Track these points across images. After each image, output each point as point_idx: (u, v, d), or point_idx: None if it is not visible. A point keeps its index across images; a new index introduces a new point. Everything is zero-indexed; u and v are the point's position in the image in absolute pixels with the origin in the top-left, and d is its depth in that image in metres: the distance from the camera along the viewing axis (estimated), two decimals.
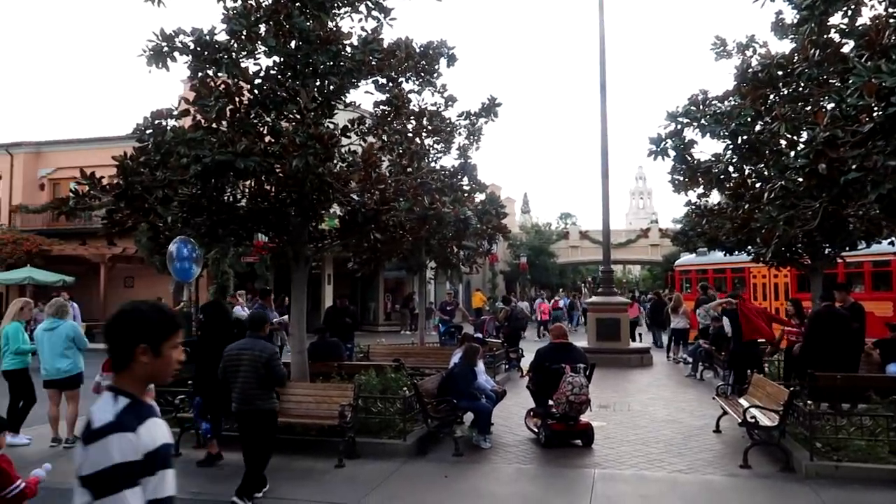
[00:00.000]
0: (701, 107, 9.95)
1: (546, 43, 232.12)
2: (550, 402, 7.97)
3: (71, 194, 7.80)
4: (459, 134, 13.23)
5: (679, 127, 10.10)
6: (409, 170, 11.06)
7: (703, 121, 9.73)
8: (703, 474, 6.72)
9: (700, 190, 11.30)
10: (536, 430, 8.14)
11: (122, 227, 8.25)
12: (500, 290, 39.51)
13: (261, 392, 5.82)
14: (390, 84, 9.68)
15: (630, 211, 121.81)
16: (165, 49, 7.83)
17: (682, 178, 10.84)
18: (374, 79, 9.16)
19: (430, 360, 12.80)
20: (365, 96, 21.77)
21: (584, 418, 7.96)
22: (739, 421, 7.30)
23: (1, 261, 25.92)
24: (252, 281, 26.57)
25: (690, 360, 14.26)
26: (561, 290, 42.49)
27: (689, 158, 10.36)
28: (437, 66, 10.53)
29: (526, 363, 14.24)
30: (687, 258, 23.37)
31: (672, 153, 10.19)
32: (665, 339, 19.03)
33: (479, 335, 14.07)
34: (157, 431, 2.07)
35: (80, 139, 30.58)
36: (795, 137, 8.38)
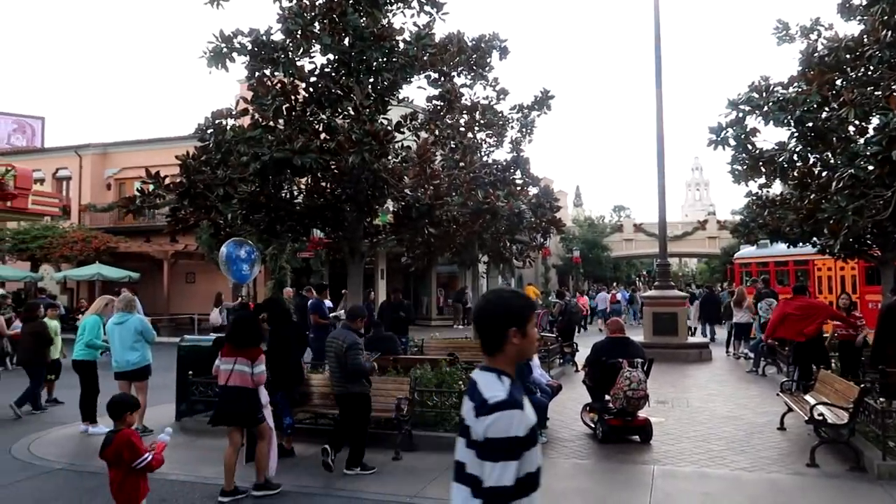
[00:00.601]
0: (763, 94, 9.62)
1: (598, 31, 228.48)
2: (607, 398, 7.87)
3: (137, 193, 8.09)
4: (512, 127, 13.18)
5: (740, 115, 9.80)
6: (462, 164, 11.09)
7: (765, 108, 9.41)
8: (768, 473, 6.53)
9: (762, 180, 10.96)
10: (593, 425, 8.05)
11: (186, 224, 8.53)
12: (553, 284, 39.20)
13: (344, 377, 6.46)
14: (442, 79, 9.71)
15: (686, 203, 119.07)
16: (224, 50, 8.05)
17: (742, 168, 10.53)
18: (427, 74, 9.21)
19: None
20: (416, 92, 21.86)
21: (641, 414, 7.83)
22: (806, 418, 7.06)
23: (72, 258, 27.09)
24: (307, 276, 27.09)
25: (752, 355, 13.87)
26: (615, 283, 41.89)
27: (751, 147, 10.04)
28: (489, 60, 10.51)
29: (580, 358, 14.13)
30: (747, 250, 22.70)
31: (733, 142, 9.90)
32: (712, 332, 18.71)
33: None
34: (531, 409, 2.25)
35: (143, 140, 31.67)
36: (865, 124, 8.04)
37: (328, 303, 12.61)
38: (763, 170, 10.30)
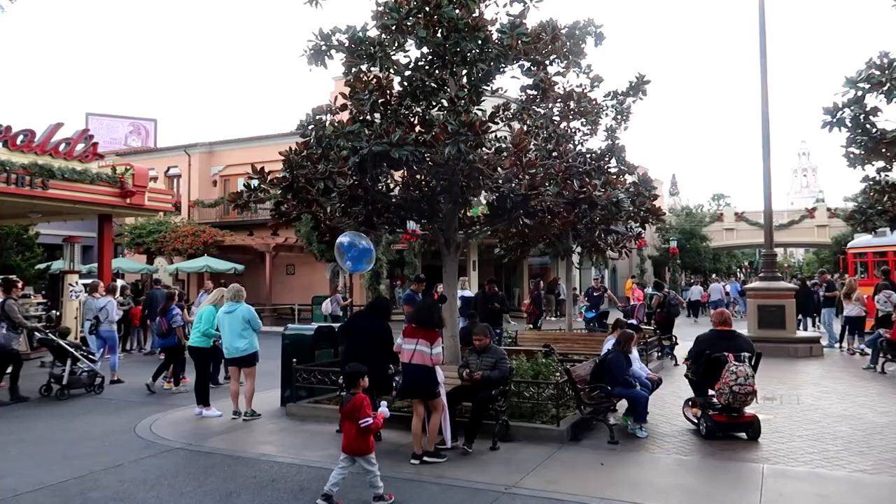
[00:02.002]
0: (886, 70, 8.92)
1: (696, 9, 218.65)
2: (711, 392, 7.59)
3: (244, 189, 8.46)
4: (606, 115, 12.84)
5: (859, 94, 9.14)
6: (555, 154, 10.93)
7: (888, 85, 8.73)
8: (892, 475, 6.10)
9: (881, 163, 10.20)
10: (696, 420, 7.78)
11: (288, 217, 8.83)
12: (649, 276, 38.12)
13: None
14: (536, 68, 9.58)
15: (792, 190, 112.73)
16: (323, 48, 8.27)
17: (860, 151, 9.83)
18: (521, 63, 9.12)
19: (579, 346, 12.66)
20: (509, 82, 21.76)
21: (749, 410, 7.50)
22: None
23: (183, 251, 28.80)
24: (401, 268, 27.60)
25: (869, 350, 12.97)
26: (714, 275, 40.24)
27: (871, 128, 9.35)
28: (583, 46, 10.27)
29: (679, 351, 13.68)
30: (862, 239, 21.22)
31: (849, 123, 9.25)
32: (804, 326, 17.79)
33: (633, 321, 13.68)
34: None
35: (245, 138, 33.17)
36: None
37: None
38: (883, 152, 9.58)
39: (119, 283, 18.95)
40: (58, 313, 15.99)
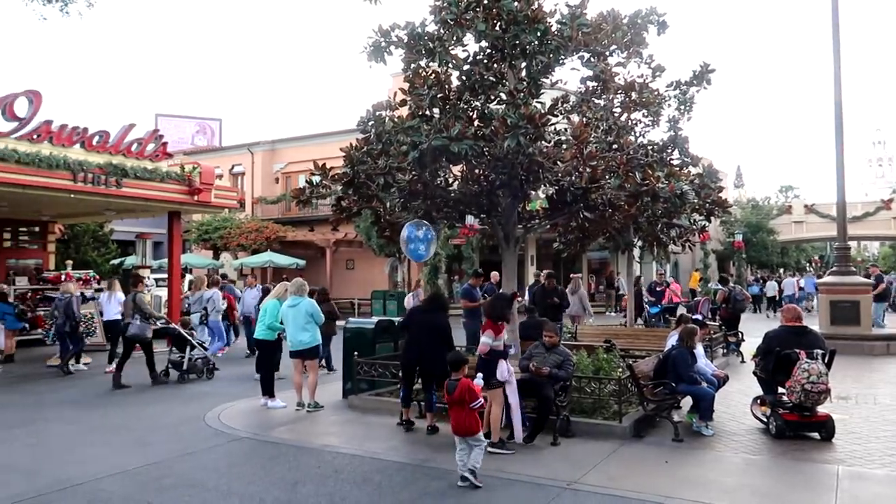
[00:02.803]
0: None
1: None
2: (781, 390, 7.33)
3: (306, 185, 8.64)
4: (669, 105, 12.52)
5: None
6: (615, 146, 10.73)
7: None
8: None
9: None
10: (765, 419, 7.53)
11: (349, 212, 8.99)
12: (713, 270, 37.07)
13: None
14: (596, 59, 9.43)
15: (866, 181, 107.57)
16: (383, 44, 8.35)
17: None
18: (580, 54, 9.00)
19: (640, 341, 12.43)
20: (569, 74, 21.48)
21: (822, 409, 7.21)
22: None
23: (247, 246, 29.63)
24: (459, 262, 27.66)
25: None
26: (782, 270, 38.86)
27: None
28: (645, 36, 10.04)
29: (745, 347, 13.25)
30: None
31: None
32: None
33: (697, 317, 13.32)
34: None
35: (306, 136, 33.84)
36: None
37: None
38: None
39: (188, 277, 19.65)
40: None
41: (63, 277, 15.74)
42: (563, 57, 8.38)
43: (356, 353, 9.14)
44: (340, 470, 6.28)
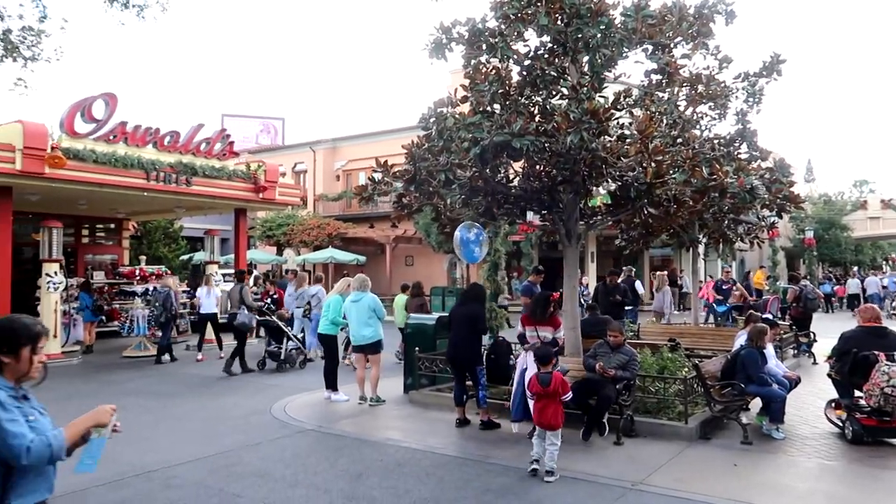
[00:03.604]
0: None
1: None
2: (858, 394, 7.02)
3: (369, 182, 8.75)
4: (736, 97, 12.11)
5: None
6: (680, 140, 10.45)
7: None
8: None
9: None
10: (840, 423, 7.23)
11: (410, 209, 9.03)
12: (781, 268, 35.75)
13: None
14: (660, 51, 9.20)
15: None
16: (444, 40, 8.36)
17: None
18: (644, 47, 8.81)
19: (706, 340, 12.10)
20: (632, 67, 21.08)
21: None
22: None
23: (309, 243, 30.26)
24: (518, 259, 27.55)
25: None
26: (855, 268, 37.17)
27: None
28: (711, 26, 9.74)
29: (818, 348, 12.73)
30: None
31: None
32: None
33: (767, 316, 12.89)
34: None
35: (366, 133, 34.28)
36: None
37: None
38: None
39: (254, 272, 20.19)
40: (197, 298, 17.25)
41: (156, 273, 16.63)
42: (626, 50, 8.22)
43: (417, 348, 9.22)
44: (403, 463, 6.35)
